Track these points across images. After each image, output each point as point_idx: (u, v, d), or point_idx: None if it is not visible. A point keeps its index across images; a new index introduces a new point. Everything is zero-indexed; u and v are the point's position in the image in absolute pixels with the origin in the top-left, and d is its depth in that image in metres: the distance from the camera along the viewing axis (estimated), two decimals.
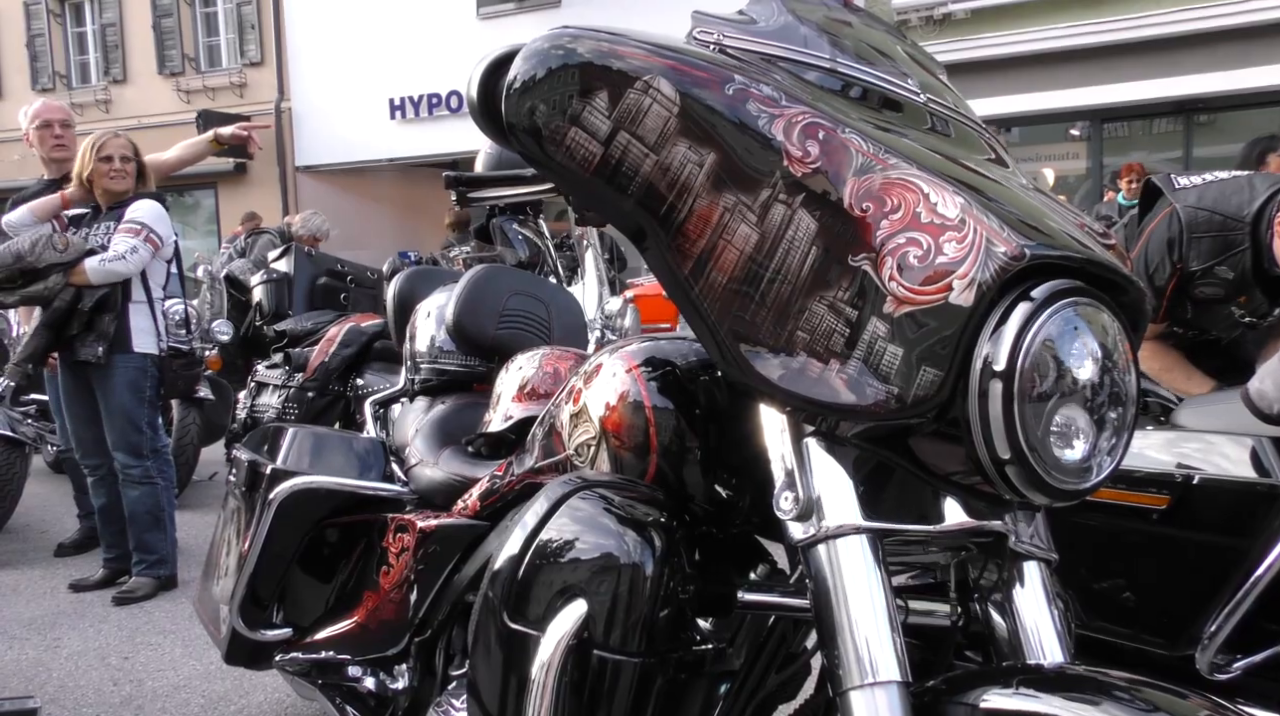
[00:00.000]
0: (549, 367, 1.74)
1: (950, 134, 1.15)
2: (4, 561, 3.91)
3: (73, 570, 3.74)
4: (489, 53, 1.13)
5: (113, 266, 3.28)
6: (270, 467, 1.81)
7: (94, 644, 2.99)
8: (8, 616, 3.26)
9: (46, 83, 14.31)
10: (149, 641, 2.99)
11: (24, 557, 3.95)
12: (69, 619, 3.21)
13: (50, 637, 3.05)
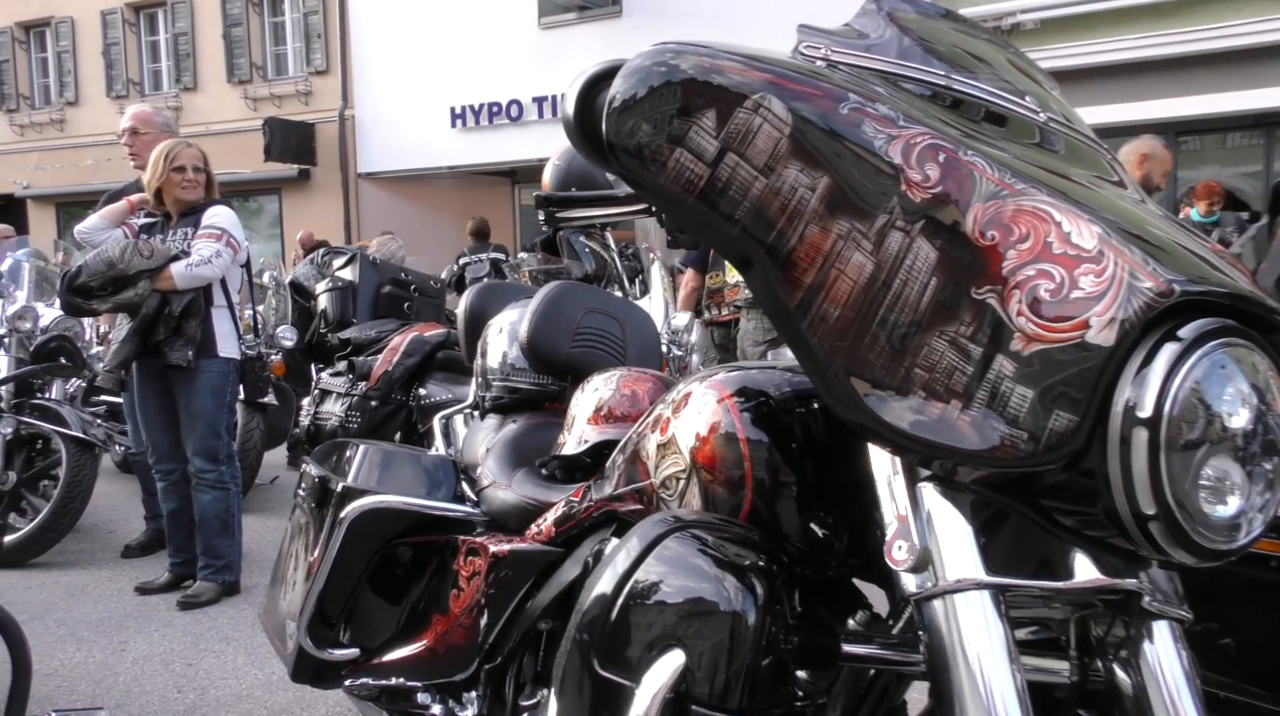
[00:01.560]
0: (626, 389, 1.69)
1: (1059, 150, 1.08)
2: (73, 561, 3.97)
3: (139, 572, 3.79)
4: (586, 69, 1.08)
5: (199, 271, 3.32)
6: (341, 485, 1.78)
7: (159, 648, 3.01)
8: (76, 617, 3.30)
9: (121, 90, 14.70)
10: (212, 648, 3.00)
11: (92, 558, 4.01)
12: (135, 621, 3.24)
13: (117, 641, 3.08)
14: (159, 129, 3.82)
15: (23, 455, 4.02)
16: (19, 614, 3.30)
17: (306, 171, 13.68)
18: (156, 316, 3.30)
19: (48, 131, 15.33)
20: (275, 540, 4.34)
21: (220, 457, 3.45)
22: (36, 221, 15.36)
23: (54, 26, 15.15)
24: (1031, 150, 1.03)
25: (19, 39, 15.46)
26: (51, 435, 3.95)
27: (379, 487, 1.79)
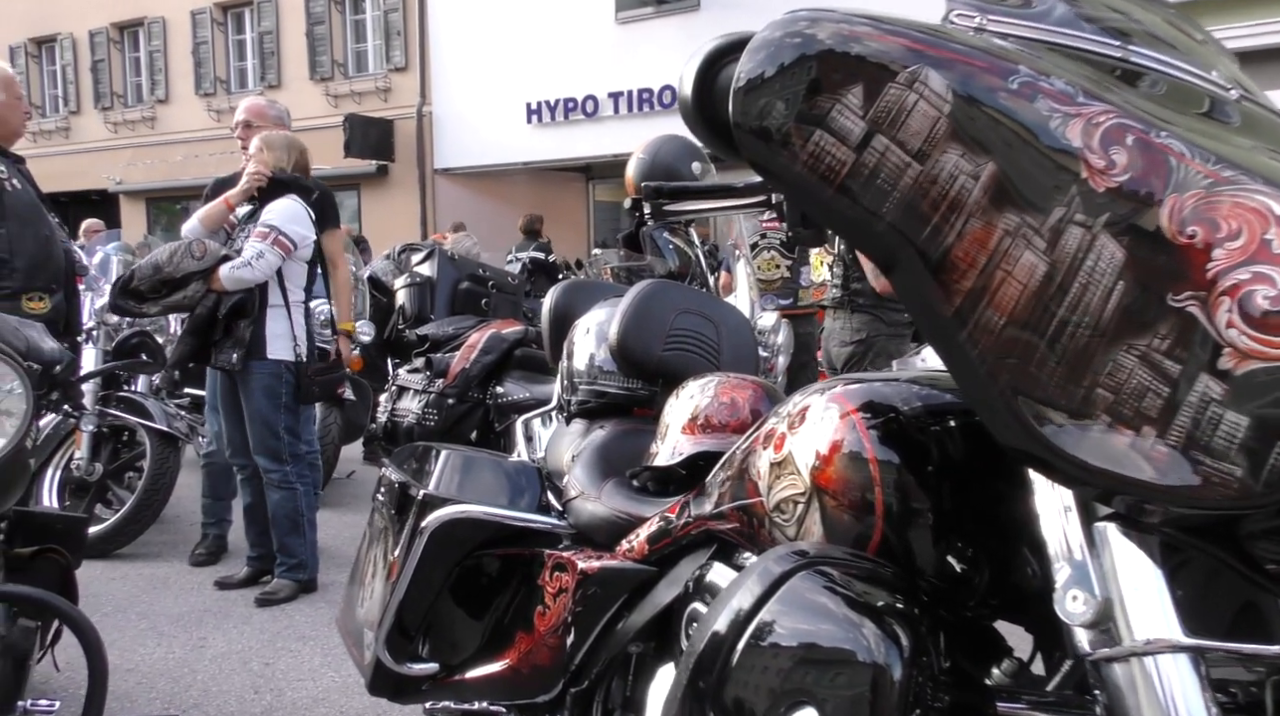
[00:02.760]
0: (725, 397, 1.57)
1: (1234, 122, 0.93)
2: (156, 553, 4.01)
3: (220, 565, 3.80)
4: (704, 44, 0.97)
5: (239, 273, 3.27)
6: (422, 493, 1.70)
7: (237, 646, 2.99)
8: (158, 611, 3.31)
9: (209, 88, 15.08)
10: (289, 647, 2.97)
11: (174, 550, 4.05)
12: (214, 617, 3.24)
13: (196, 637, 3.07)
14: (273, 122, 3.82)
15: (109, 447, 4.07)
16: (103, 606, 3.36)
17: (385, 167, 13.84)
18: (210, 317, 3.29)
19: (139, 128, 15.80)
20: (352, 536, 4.34)
21: (283, 457, 3.40)
22: (128, 216, 15.86)
23: (146, 26, 15.61)
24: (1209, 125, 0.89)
25: (114, 39, 15.97)
26: (136, 428, 3.99)
27: (461, 495, 1.70)
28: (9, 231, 3.09)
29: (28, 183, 3.29)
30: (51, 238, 3.32)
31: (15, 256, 3.10)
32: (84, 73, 16.33)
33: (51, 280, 3.24)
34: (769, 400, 1.59)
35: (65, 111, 16.67)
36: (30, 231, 3.18)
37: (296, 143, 3.56)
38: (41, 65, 16.87)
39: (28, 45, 16.71)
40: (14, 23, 16.68)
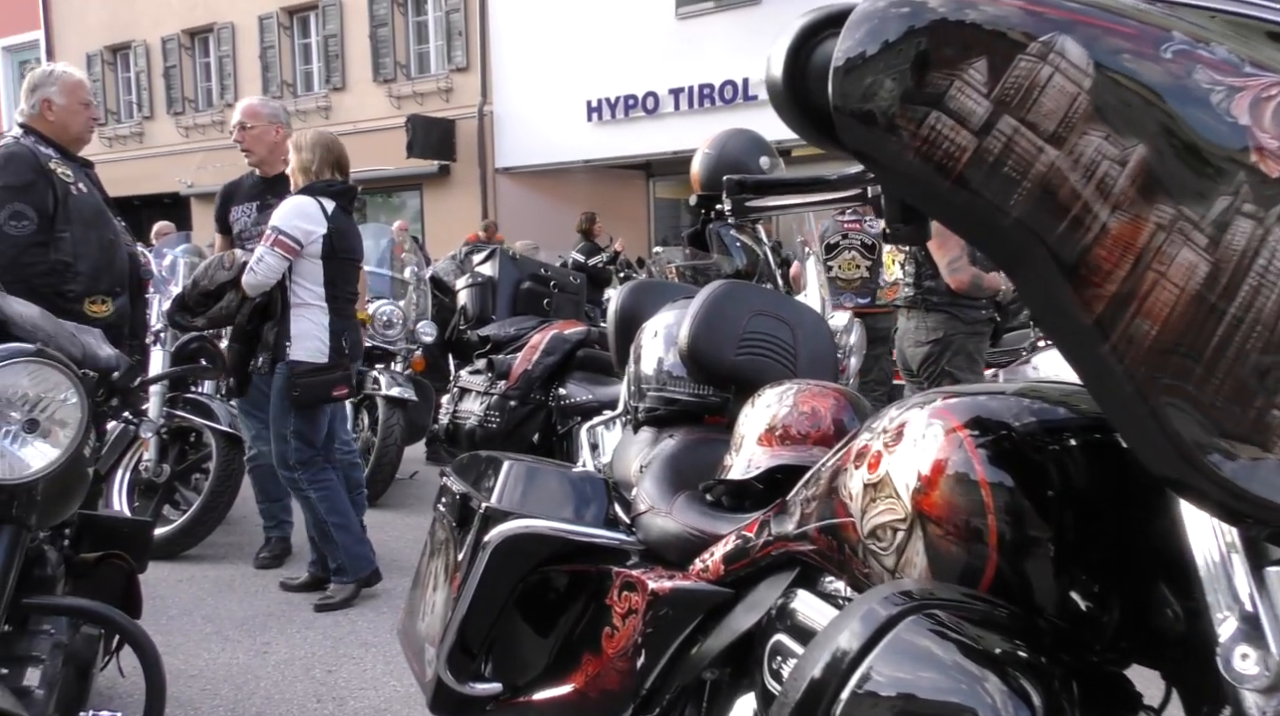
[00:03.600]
0: (805, 406, 1.47)
1: None
2: (221, 555, 4.03)
3: (284, 567, 3.80)
4: (794, 21, 0.87)
5: (247, 279, 3.25)
6: (484, 506, 1.63)
7: (300, 651, 2.96)
8: (223, 614, 3.31)
9: (275, 92, 15.32)
10: (351, 654, 2.93)
11: (239, 552, 4.06)
12: (278, 622, 3.22)
13: (260, 641, 3.05)
14: (267, 120, 3.78)
15: (176, 449, 4.10)
16: (169, 609, 3.36)
17: (446, 167, 13.92)
18: (245, 324, 3.32)
19: (209, 132, 16.13)
20: (414, 539, 4.32)
21: (289, 463, 3.35)
22: (198, 218, 16.21)
23: (216, 32, 15.93)
24: None
25: (185, 45, 16.34)
26: (203, 429, 4.01)
27: (524, 508, 1.62)
28: (73, 235, 3.12)
29: (95, 187, 3.31)
30: (115, 242, 3.34)
31: (79, 260, 3.12)
32: (157, 79, 16.73)
33: (115, 284, 3.26)
34: (852, 409, 1.48)
35: (139, 117, 17.11)
36: (94, 235, 3.20)
37: (324, 140, 3.45)
38: (117, 72, 17.34)
39: (104, 53, 17.18)
40: (91, 31, 17.17)
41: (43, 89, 3.20)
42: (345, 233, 3.37)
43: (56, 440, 1.46)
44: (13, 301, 1.55)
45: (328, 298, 3.31)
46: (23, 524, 1.51)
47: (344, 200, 3.40)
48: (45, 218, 3.04)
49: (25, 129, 3.19)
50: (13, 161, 3.05)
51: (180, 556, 3.91)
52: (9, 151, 3.08)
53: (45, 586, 1.77)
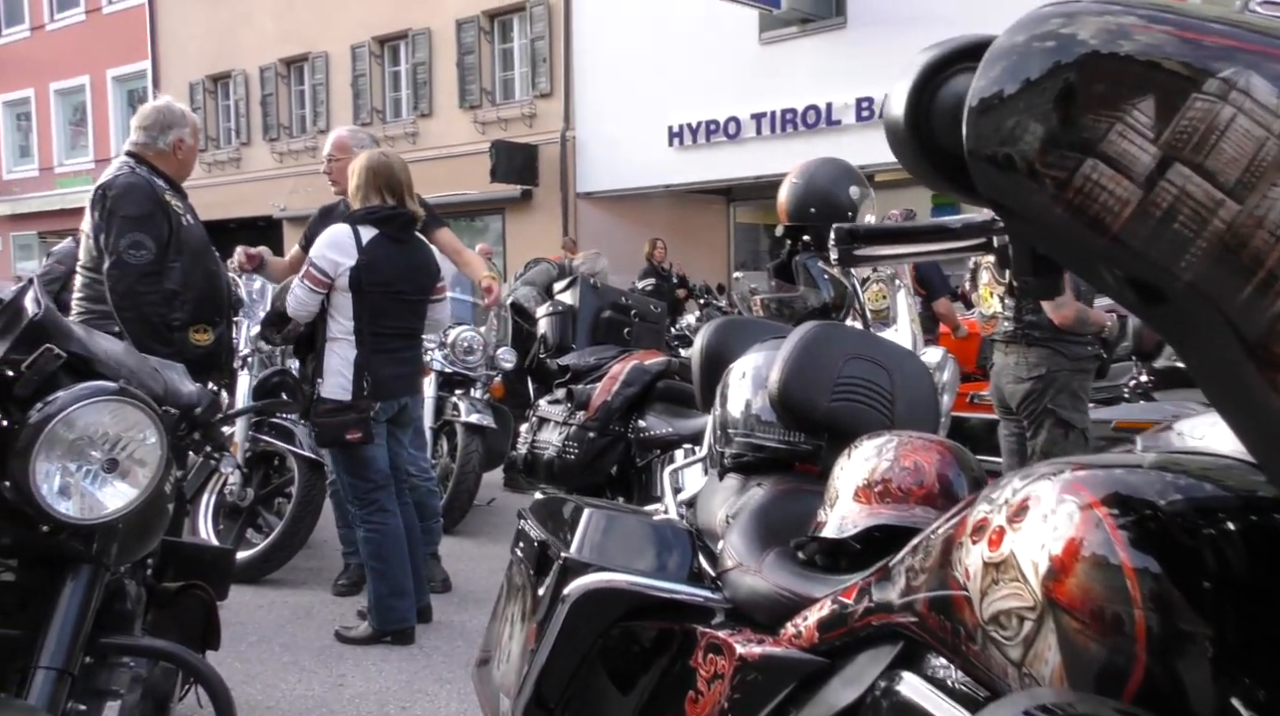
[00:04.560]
0: (907, 461, 1.36)
1: None
2: (301, 580, 4.05)
3: (361, 596, 3.79)
4: (918, 55, 0.78)
5: (288, 311, 3.26)
6: (564, 556, 1.56)
7: (375, 685, 2.94)
8: (300, 643, 3.31)
9: (365, 118, 15.72)
10: (426, 690, 2.89)
11: (318, 577, 4.08)
12: (354, 653, 3.20)
13: (335, 673, 3.04)
14: (353, 153, 3.79)
15: (260, 473, 4.15)
16: (249, 635, 3.37)
17: (529, 192, 14.07)
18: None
19: (302, 158, 16.62)
20: (489, 569, 4.28)
21: (348, 497, 3.34)
22: (289, 241, 16.70)
23: (311, 61, 16.45)
24: None
25: (281, 74, 16.90)
26: (286, 454, 4.05)
27: (604, 559, 1.55)
28: (182, 265, 3.18)
29: (196, 218, 3.39)
30: (218, 271, 3.42)
31: (187, 289, 3.19)
32: (254, 106, 17.34)
33: (216, 312, 3.33)
34: (958, 465, 1.38)
35: (237, 143, 17.74)
36: (200, 265, 3.27)
37: (373, 162, 3.32)
38: (217, 100, 18.03)
39: (205, 82, 17.89)
40: (195, 61, 17.90)
41: (177, 129, 3.27)
42: (381, 264, 3.22)
43: (136, 480, 1.45)
44: (99, 337, 1.55)
45: (356, 332, 3.21)
46: (101, 563, 1.49)
47: (390, 227, 3.26)
48: (160, 247, 3.11)
49: (137, 159, 3.26)
50: (133, 192, 3.12)
51: (261, 580, 3.94)
52: (129, 182, 3.14)
53: (124, 621, 1.75)
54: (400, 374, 3.35)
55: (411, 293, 3.35)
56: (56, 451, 1.37)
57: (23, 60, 20.52)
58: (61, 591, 1.45)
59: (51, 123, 20.42)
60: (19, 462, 1.34)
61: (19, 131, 21.41)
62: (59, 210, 19.15)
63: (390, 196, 3.28)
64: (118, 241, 3.06)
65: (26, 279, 1.56)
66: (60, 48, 19.85)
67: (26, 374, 1.40)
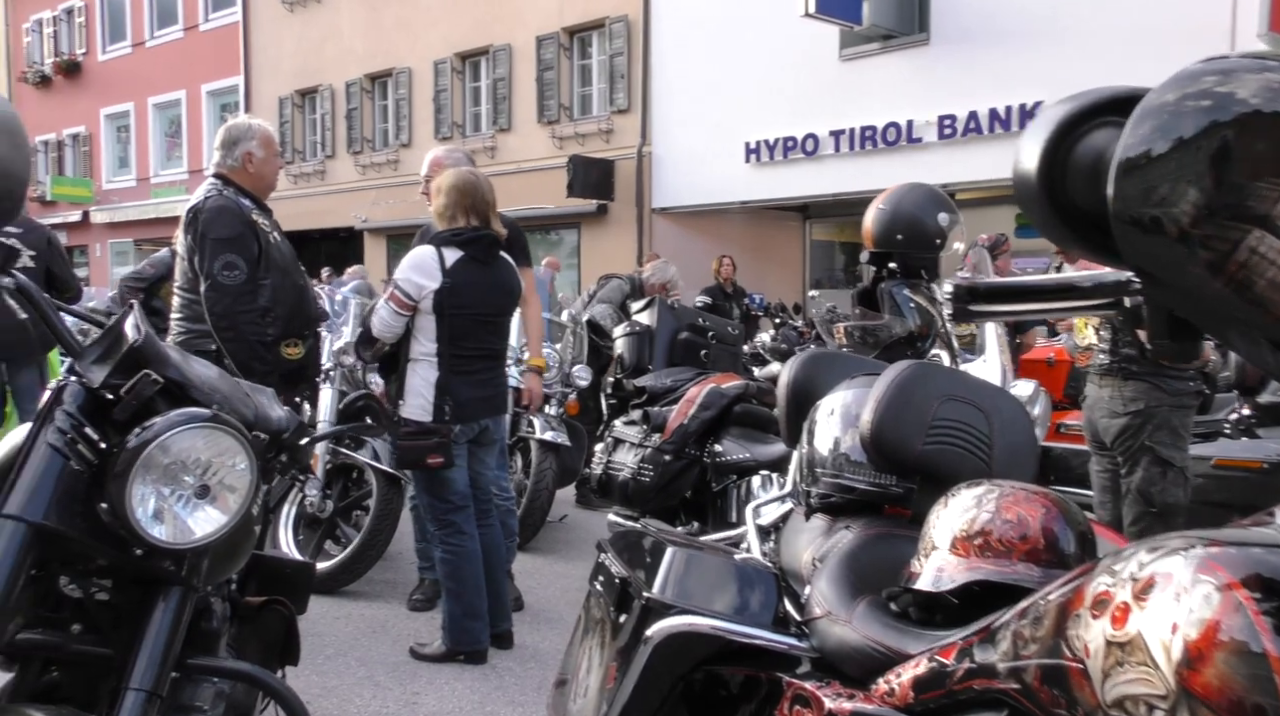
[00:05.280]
0: (1010, 513, 1.30)
1: None
2: (376, 592, 4.09)
3: (435, 611, 3.81)
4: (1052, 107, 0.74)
5: (372, 330, 3.29)
6: (646, 596, 1.53)
7: (448, 705, 2.94)
8: (375, 658, 3.34)
9: (446, 132, 16.00)
10: (498, 712, 2.89)
11: (394, 591, 4.11)
12: (427, 671, 3.21)
13: (410, 691, 3.05)
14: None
15: (339, 485, 4.21)
16: (325, 648, 3.41)
17: (604, 206, 14.13)
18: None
19: (384, 171, 16.99)
20: (562, 587, 4.28)
21: (427, 517, 3.34)
22: (370, 252, 17.07)
23: (394, 76, 16.81)
24: None
25: (366, 89, 17.31)
26: (365, 467, 4.11)
27: (688, 601, 1.51)
28: (272, 282, 3.25)
29: (282, 235, 3.46)
30: (305, 286, 3.49)
31: (277, 305, 3.25)
32: (339, 120, 17.78)
33: (304, 327, 3.40)
34: (1064, 520, 1.31)
35: (322, 156, 18.21)
36: (289, 281, 3.34)
37: (460, 183, 3.31)
38: (304, 114, 18.54)
39: (293, 96, 18.41)
40: (284, 77, 18.46)
41: (244, 143, 3.34)
42: (465, 287, 3.23)
43: (226, 505, 1.46)
44: (194, 362, 1.58)
45: (438, 353, 3.21)
46: (189, 586, 1.51)
47: (474, 249, 3.26)
48: (251, 267, 3.18)
49: (224, 181, 3.34)
50: (223, 214, 3.20)
51: (339, 592, 3.99)
52: (219, 205, 3.22)
53: (209, 639, 1.78)
54: (482, 396, 3.34)
55: (494, 314, 3.36)
56: (152, 476, 1.39)
57: (124, 75, 21.42)
58: (152, 613, 1.47)
59: (149, 135, 21.26)
60: (116, 486, 1.37)
61: (119, 143, 22.32)
62: (154, 219, 19.91)
63: (475, 217, 3.29)
64: (211, 264, 3.14)
65: (129, 303, 1.59)
66: (159, 63, 20.66)
67: (125, 398, 1.42)
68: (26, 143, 1.46)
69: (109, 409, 1.45)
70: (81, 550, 1.43)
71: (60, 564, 1.46)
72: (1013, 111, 10.03)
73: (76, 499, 1.39)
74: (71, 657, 1.51)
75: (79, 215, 22.27)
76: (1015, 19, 9.98)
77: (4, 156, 1.37)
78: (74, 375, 1.47)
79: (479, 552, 3.32)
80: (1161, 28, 8.74)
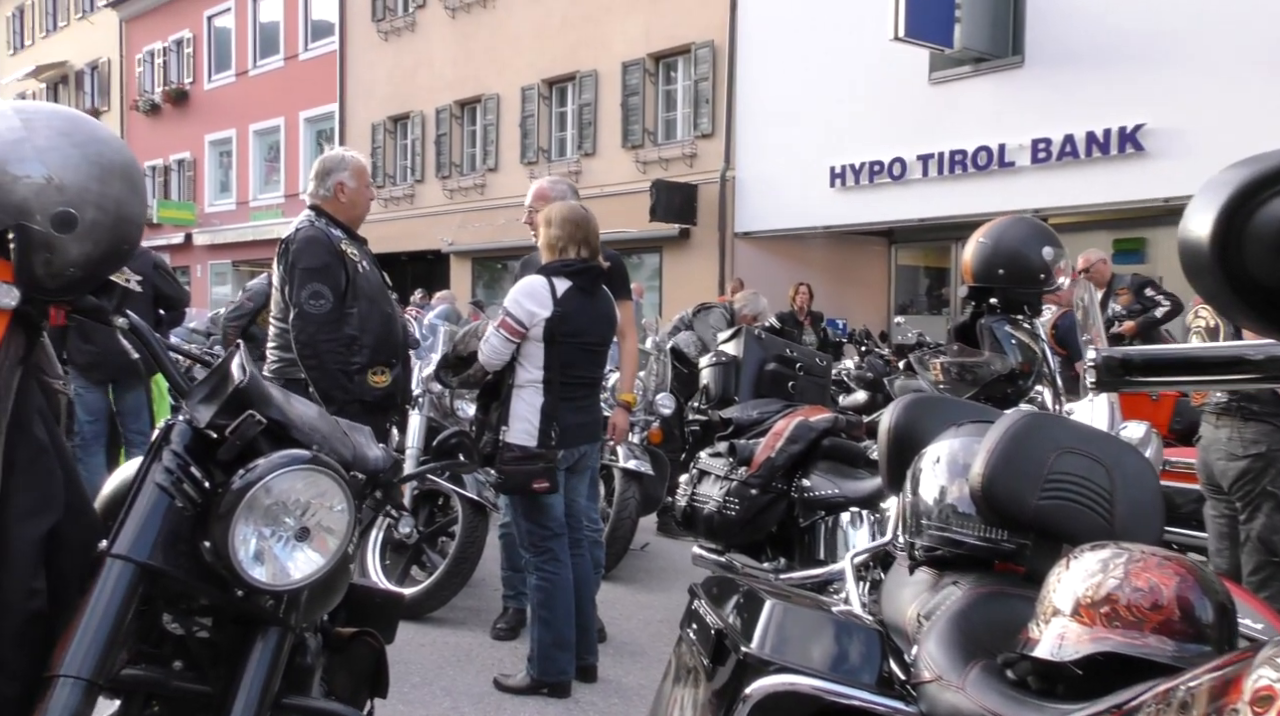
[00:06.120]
0: (1139, 581, 1.22)
1: None
2: (461, 620, 4.10)
3: (518, 641, 3.80)
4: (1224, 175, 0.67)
5: (480, 355, 3.29)
6: (744, 651, 1.48)
7: None
8: (460, 688, 3.34)
9: (531, 157, 16.23)
10: None
11: (478, 618, 4.12)
12: (512, 703, 3.20)
13: None
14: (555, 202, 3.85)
15: (425, 511, 4.25)
16: (411, 676, 3.42)
17: (687, 230, 14.12)
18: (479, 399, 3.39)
19: (471, 195, 17.29)
20: (644, 619, 4.23)
21: (524, 543, 3.33)
22: (456, 275, 17.37)
23: (483, 103, 17.14)
24: None
25: (455, 115, 17.68)
26: (451, 494, 4.14)
27: (787, 657, 1.46)
28: (360, 311, 3.32)
29: (373, 264, 3.52)
30: (393, 314, 3.54)
31: (365, 333, 3.32)
32: (429, 146, 18.19)
33: (392, 354, 3.44)
34: (1201, 589, 1.22)
35: (411, 180, 18.64)
36: (377, 310, 3.40)
37: (573, 216, 3.37)
38: (395, 140, 19.02)
39: (386, 123, 18.91)
40: (378, 104, 18.99)
41: (336, 173, 3.44)
42: (574, 315, 3.27)
43: (324, 547, 1.47)
44: (295, 402, 1.59)
45: (544, 381, 3.24)
46: (287, 626, 1.52)
47: (582, 280, 3.32)
48: (338, 296, 3.26)
49: (317, 211, 3.43)
50: (312, 245, 3.30)
51: (424, 618, 4.01)
52: (308, 236, 3.32)
53: (304, 675, 1.78)
54: (583, 422, 3.39)
55: (597, 343, 3.44)
56: (254, 517, 1.40)
57: (228, 103, 22.32)
58: (251, 653, 1.48)
59: (249, 160, 22.09)
60: (220, 527, 1.38)
61: (221, 168, 23.24)
62: (251, 241, 20.66)
63: (585, 250, 3.36)
64: (299, 293, 3.22)
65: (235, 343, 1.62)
66: (260, 91, 21.47)
67: (230, 439, 1.44)
68: (144, 188, 1.50)
69: (214, 448, 1.47)
70: (184, 589, 1.44)
71: (164, 601, 1.48)
72: (1111, 134, 9.70)
73: (181, 538, 1.41)
74: (172, 693, 1.53)
75: (182, 237, 23.22)
76: (1115, 39, 9.68)
77: (123, 201, 1.41)
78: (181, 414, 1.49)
79: (572, 582, 3.32)
80: (1274, 43, 8.35)
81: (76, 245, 1.37)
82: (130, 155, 1.48)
